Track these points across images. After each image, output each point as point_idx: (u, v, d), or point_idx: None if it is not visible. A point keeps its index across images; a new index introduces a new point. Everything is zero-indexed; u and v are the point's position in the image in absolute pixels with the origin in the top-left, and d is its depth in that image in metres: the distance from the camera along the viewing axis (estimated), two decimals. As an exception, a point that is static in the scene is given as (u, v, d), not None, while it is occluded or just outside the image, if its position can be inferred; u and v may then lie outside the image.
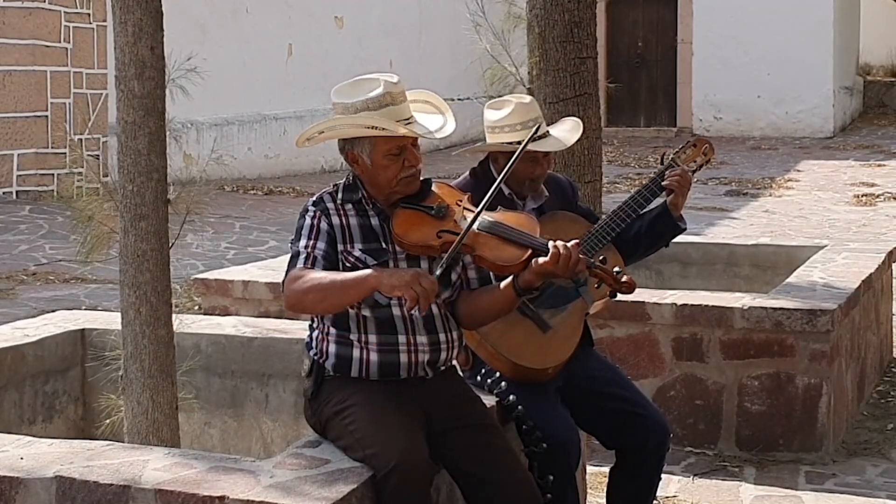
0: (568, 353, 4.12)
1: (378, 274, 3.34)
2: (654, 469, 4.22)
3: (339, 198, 3.58)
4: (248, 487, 3.12)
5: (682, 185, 4.36)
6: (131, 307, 4.05)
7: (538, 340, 4.06)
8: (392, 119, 3.47)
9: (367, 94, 3.50)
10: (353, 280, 3.36)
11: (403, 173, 3.53)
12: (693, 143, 4.49)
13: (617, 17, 22.16)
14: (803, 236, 11.75)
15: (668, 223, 4.39)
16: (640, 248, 4.45)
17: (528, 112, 4.26)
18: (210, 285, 6.83)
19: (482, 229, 3.51)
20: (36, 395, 4.85)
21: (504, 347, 4.03)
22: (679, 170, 4.38)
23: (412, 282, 3.26)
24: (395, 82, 3.53)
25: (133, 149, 4.01)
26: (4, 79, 13.05)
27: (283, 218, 12.90)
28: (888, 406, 6.73)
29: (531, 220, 3.64)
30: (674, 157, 4.44)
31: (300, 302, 3.43)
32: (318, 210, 3.55)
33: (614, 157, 18.43)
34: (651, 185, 4.38)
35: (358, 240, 3.54)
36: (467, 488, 3.48)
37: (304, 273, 3.42)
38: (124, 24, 3.98)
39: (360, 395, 3.47)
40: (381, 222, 3.58)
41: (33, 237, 11.26)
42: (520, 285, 3.50)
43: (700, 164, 4.44)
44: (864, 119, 22.32)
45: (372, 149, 3.52)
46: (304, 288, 3.39)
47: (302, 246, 3.50)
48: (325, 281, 3.38)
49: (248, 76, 16.27)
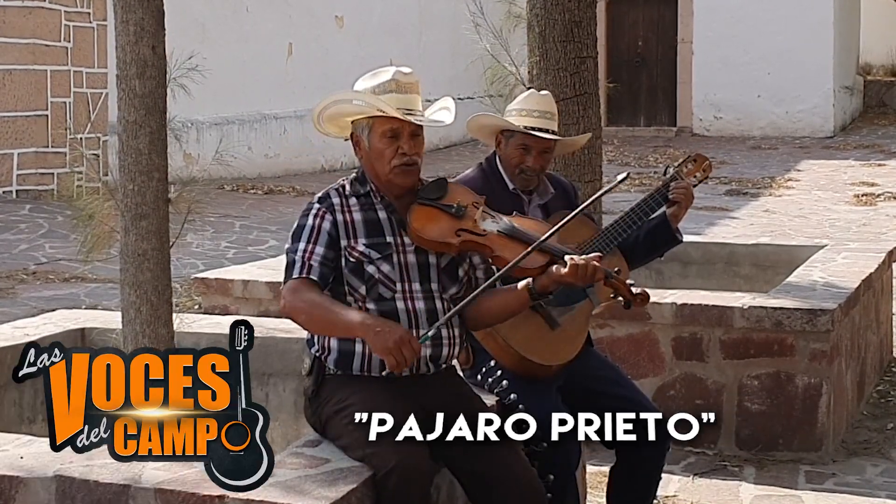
0: (574, 353, 4.14)
1: (366, 330, 3.39)
2: (655, 468, 4.23)
3: (347, 191, 3.61)
4: (248, 487, 3.12)
5: (687, 198, 4.41)
6: (132, 306, 4.05)
7: (547, 336, 4.09)
8: (392, 105, 3.52)
9: (377, 81, 3.58)
10: (343, 324, 3.43)
11: (397, 160, 3.56)
12: (693, 158, 4.55)
13: (617, 16, 22.15)
14: (803, 236, 11.75)
15: (666, 234, 4.44)
16: (637, 256, 4.49)
17: (539, 103, 4.30)
18: (210, 284, 6.83)
19: (503, 231, 3.53)
20: (36, 394, 4.84)
21: (514, 340, 4.04)
22: (684, 183, 4.43)
23: (395, 349, 3.33)
24: (406, 73, 3.61)
25: (134, 148, 4.01)
26: (4, 78, 13.04)
27: (283, 217, 12.90)
28: (888, 406, 6.73)
29: (546, 228, 3.68)
30: (676, 169, 4.48)
31: (291, 316, 3.53)
32: (322, 207, 3.57)
33: (614, 157, 18.42)
34: (657, 195, 4.43)
35: (362, 234, 3.56)
36: (470, 486, 3.49)
37: (303, 289, 3.47)
38: (126, 24, 3.98)
39: (360, 395, 3.47)
40: (388, 215, 3.60)
41: (33, 236, 11.25)
42: (536, 290, 3.55)
43: (700, 179, 4.52)
44: (865, 119, 22.30)
45: (370, 131, 3.58)
46: (298, 307, 3.47)
47: (300, 251, 3.52)
48: (316, 311, 3.45)
49: (249, 75, 16.26)
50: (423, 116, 3.61)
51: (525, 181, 4.31)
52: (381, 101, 3.54)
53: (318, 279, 3.49)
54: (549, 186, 4.38)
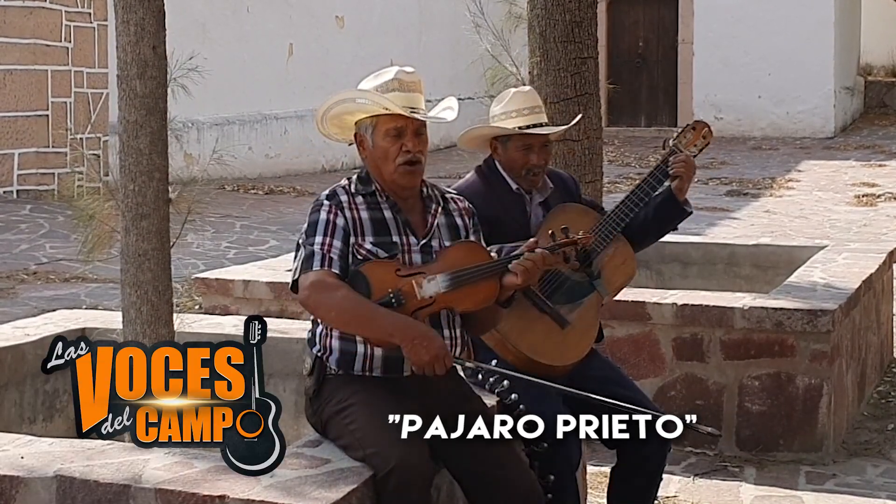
0: (587, 349, 4.15)
1: (403, 337, 3.41)
2: (655, 469, 4.23)
3: (352, 190, 3.62)
4: (248, 487, 3.13)
5: (688, 170, 4.38)
6: (132, 306, 4.05)
7: (557, 337, 4.09)
8: (397, 103, 3.54)
9: (380, 81, 3.61)
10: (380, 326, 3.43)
11: (401, 158, 3.57)
12: (692, 126, 4.51)
13: (618, 17, 22.15)
14: (804, 236, 11.75)
15: (675, 208, 4.40)
16: (649, 234, 4.46)
17: (526, 100, 4.29)
18: (211, 284, 6.83)
19: (447, 289, 3.52)
20: (36, 394, 4.84)
21: (524, 345, 4.04)
22: (683, 155, 4.40)
23: (428, 364, 3.41)
24: (409, 72, 3.64)
25: (135, 148, 4.01)
26: (5, 78, 13.05)
27: (283, 217, 12.90)
28: (888, 406, 6.73)
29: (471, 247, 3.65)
30: (675, 142, 4.45)
31: (316, 311, 3.50)
32: (332, 204, 3.57)
33: (615, 157, 18.42)
34: (656, 173, 4.40)
35: (369, 233, 3.57)
36: (469, 486, 3.49)
37: (328, 283, 3.45)
38: (126, 24, 3.98)
39: (361, 395, 3.47)
40: (394, 215, 3.61)
41: (34, 236, 11.25)
42: (501, 302, 3.64)
43: (700, 147, 4.47)
44: (865, 119, 22.30)
45: (374, 129, 3.60)
46: (325, 303, 3.45)
47: (318, 244, 3.51)
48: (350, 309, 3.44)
49: (249, 75, 16.26)
50: (423, 114, 3.62)
51: (532, 180, 4.31)
52: (386, 99, 3.55)
53: (340, 273, 3.49)
54: (548, 182, 4.37)
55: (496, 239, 3.94)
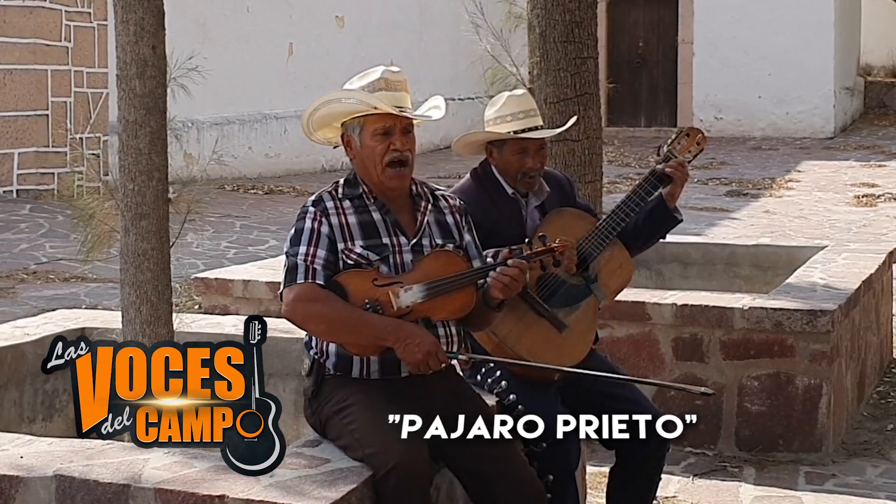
0: (585, 352, 4.15)
1: (395, 338, 3.42)
2: (654, 469, 4.23)
3: (339, 194, 3.61)
4: (247, 487, 3.13)
5: (682, 175, 4.38)
6: (132, 306, 4.05)
7: (555, 340, 4.08)
8: (385, 102, 3.54)
9: (367, 81, 3.61)
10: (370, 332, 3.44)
11: (389, 156, 3.56)
12: (686, 132, 4.50)
13: (618, 17, 22.15)
14: (803, 237, 11.75)
15: (665, 215, 4.40)
16: (639, 240, 4.46)
17: (519, 104, 4.27)
18: (210, 284, 6.83)
19: (423, 299, 3.52)
20: (36, 393, 4.84)
21: (523, 350, 4.03)
22: (675, 162, 4.39)
23: (423, 362, 3.42)
24: (395, 71, 3.64)
25: (134, 148, 4.01)
26: (5, 77, 13.05)
27: (283, 217, 12.90)
28: (888, 407, 6.73)
29: (448, 256, 3.64)
30: (669, 148, 4.45)
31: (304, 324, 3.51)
32: (317, 211, 3.56)
33: (615, 157, 18.42)
34: (651, 178, 4.39)
35: (358, 237, 3.56)
36: (470, 485, 3.49)
37: (314, 295, 3.45)
38: (126, 23, 3.98)
39: (360, 395, 3.47)
40: (383, 216, 3.61)
41: (34, 236, 11.25)
42: (489, 306, 3.64)
43: (695, 153, 4.46)
44: (865, 120, 22.30)
45: (361, 129, 3.59)
46: (313, 316, 3.46)
47: (301, 255, 3.51)
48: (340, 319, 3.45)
49: (249, 75, 16.26)
50: (410, 112, 3.63)
51: (530, 183, 4.30)
52: (374, 98, 3.54)
53: (324, 283, 3.49)
54: (545, 185, 4.36)
55: (492, 243, 3.92)
